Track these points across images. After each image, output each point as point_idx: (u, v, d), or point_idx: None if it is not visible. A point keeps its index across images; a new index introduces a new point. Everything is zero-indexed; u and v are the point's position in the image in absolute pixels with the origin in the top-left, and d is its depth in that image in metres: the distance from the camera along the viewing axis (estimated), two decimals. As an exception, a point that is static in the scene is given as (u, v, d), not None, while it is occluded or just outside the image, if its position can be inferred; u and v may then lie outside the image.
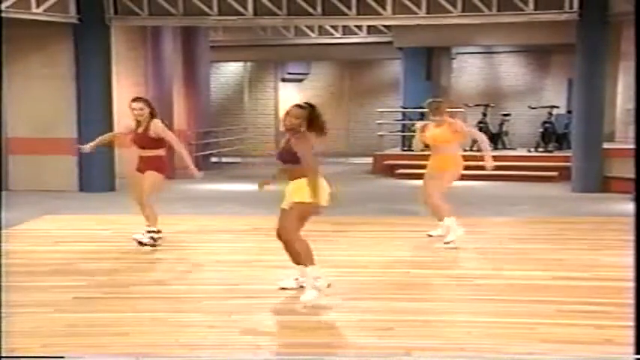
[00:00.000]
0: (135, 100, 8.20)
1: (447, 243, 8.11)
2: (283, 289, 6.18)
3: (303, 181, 5.86)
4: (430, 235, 8.54)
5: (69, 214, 10.79)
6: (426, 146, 8.64)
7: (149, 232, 8.06)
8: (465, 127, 8.76)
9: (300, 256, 5.98)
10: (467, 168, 8.58)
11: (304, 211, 5.90)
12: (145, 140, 7.99)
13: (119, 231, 9.10)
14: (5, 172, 13.78)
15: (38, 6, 12.65)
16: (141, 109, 7.96)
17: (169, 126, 8.40)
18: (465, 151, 9.41)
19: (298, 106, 5.98)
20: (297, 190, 5.88)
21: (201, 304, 5.90)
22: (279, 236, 6.05)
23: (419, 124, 8.86)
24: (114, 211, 11.15)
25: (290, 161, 5.91)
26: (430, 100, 8.83)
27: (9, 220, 9.31)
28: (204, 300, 6.01)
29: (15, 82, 13.46)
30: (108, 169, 13.81)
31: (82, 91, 13.63)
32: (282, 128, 6.06)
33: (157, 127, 8.00)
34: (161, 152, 8.12)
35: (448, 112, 8.51)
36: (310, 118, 5.89)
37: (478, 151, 9.36)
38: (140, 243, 8.01)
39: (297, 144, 5.85)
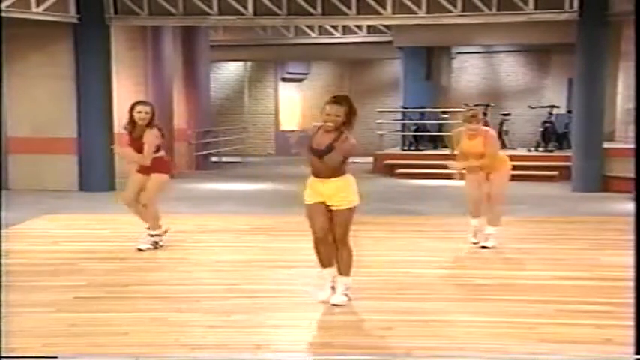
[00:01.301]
0: (142, 102, 8.12)
1: (487, 247, 7.99)
2: (323, 302, 5.85)
3: (344, 181, 5.71)
4: (475, 243, 8.26)
5: (69, 213, 10.79)
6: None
7: (152, 235, 8.04)
8: (494, 146, 8.08)
9: (346, 263, 5.80)
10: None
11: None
12: (140, 145, 7.87)
13: (119, 230, 9.11)
14: (5, 171, 13.78)
15: (38, 5, 12.65)
16: (146, 113, 7.81)
17: (164, 133, 8.21)
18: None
19: (336, 102, 5.63)
20: (343, 193, 5.70)
21: (201, 303, 5.90)
22: (335, 239, 5.75)
23: (455, 132, 8.38)
24: (114, 210, 11.12)
25: (326, 154, 5.64)
26: (467, 109, 8.54)
27: (9, 220, 9.31)
28: (203, 300, 6.00)
29: (15, 82, 13.46)
30: (108, 169, 13.81)
31: (82, 90, 13.64)
32: (320, 125, 5.68)
33: (148, 135, 7.81)
34: (160, 154, 8.02)
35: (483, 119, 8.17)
36: (349, 112, 5.60)
37: None
38: (140, 250, 7.94)
39: (343, 148, 5.60)
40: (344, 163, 5.70)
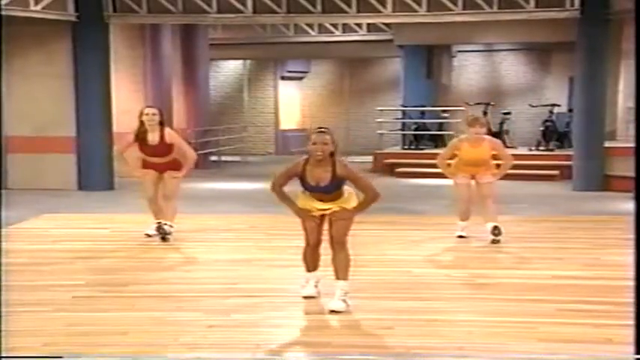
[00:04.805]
0: (149, 106, 8.65)
1: (497, 241, 8.12)
2: (307, 297, 5.92)
3: (345, 196, 5.70)
4: (462, 237, 8.46)
5: (68, 212, 10.77)
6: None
7: (169, 225, 8.28)
8: (505, 150, 8.34)
9: (344, 267, 5.70)
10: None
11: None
12: (162, 149, 8.24)
13: (118, 230, 9.11)
14: (4, 170, 13.77)
15: (37, 3, 12.63)
16: (154, 115, 8.24)
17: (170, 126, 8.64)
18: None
19: (321, 131, 5.55)
20: (344, 202, 5.70)
21: (201, 302, 5.89)
22: (332, 243, 5.71)
23: (454, 141, 8.51)
24: (113, 209, 11.14)
25: (334, 190, 5.64)
26: (470, 115, 8.64)
27: (8, 219, 9.30)
28: (203, 299, 5.99)
29: (13, 81, 13.44)
30: (107, 168, 13.79)
31: (80, 89, 13.61)
32: (306, 158, 5.59)
33: (172, 135, 8.37)
34: (172, 156, 8.38)
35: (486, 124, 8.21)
36: (334, 141, 5.55)
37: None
38: (163, 239, 8.19)
39: (350, 173, 5.58)
40: (341, 190, 5.69)
